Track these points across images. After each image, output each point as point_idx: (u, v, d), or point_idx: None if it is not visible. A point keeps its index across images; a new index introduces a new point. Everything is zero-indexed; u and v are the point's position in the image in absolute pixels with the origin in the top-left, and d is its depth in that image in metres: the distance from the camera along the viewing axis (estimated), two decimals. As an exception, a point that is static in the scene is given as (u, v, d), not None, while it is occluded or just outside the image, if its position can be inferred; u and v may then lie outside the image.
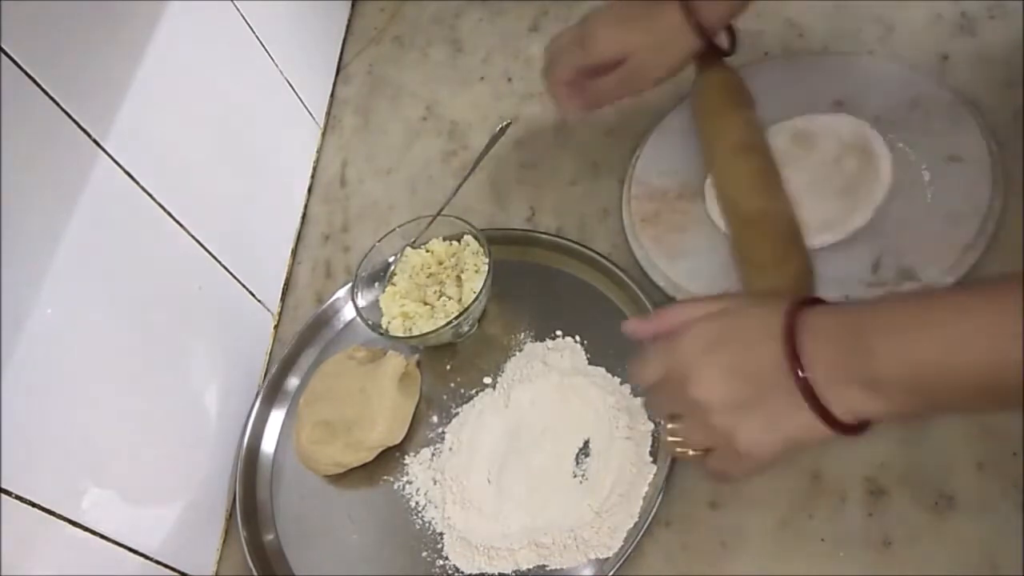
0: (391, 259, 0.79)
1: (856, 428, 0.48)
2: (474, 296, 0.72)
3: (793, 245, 0.66)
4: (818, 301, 0.50)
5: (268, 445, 0.78)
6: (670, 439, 0.55)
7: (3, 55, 0.53)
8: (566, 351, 0.72)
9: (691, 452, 0.54)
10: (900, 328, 0.46)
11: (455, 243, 0.78)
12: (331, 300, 0.83)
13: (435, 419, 0.73)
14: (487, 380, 0.73)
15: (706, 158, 0.74)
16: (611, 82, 0.72)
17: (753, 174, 0.69)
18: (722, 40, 0.73)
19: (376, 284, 0.79)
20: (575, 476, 0.66)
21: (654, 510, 0.62)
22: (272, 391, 0.80)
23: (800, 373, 0.47)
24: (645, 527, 0.61)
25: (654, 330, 0.56)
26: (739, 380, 0.50)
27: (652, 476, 0.64)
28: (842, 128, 0.72)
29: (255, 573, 0.69)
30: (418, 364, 0.75)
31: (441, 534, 0.67)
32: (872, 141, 0.70)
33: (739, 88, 0.74)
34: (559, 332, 0.73)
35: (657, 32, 0.69)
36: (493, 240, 0.76)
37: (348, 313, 0.82)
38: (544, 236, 0.79)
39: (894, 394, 0.46)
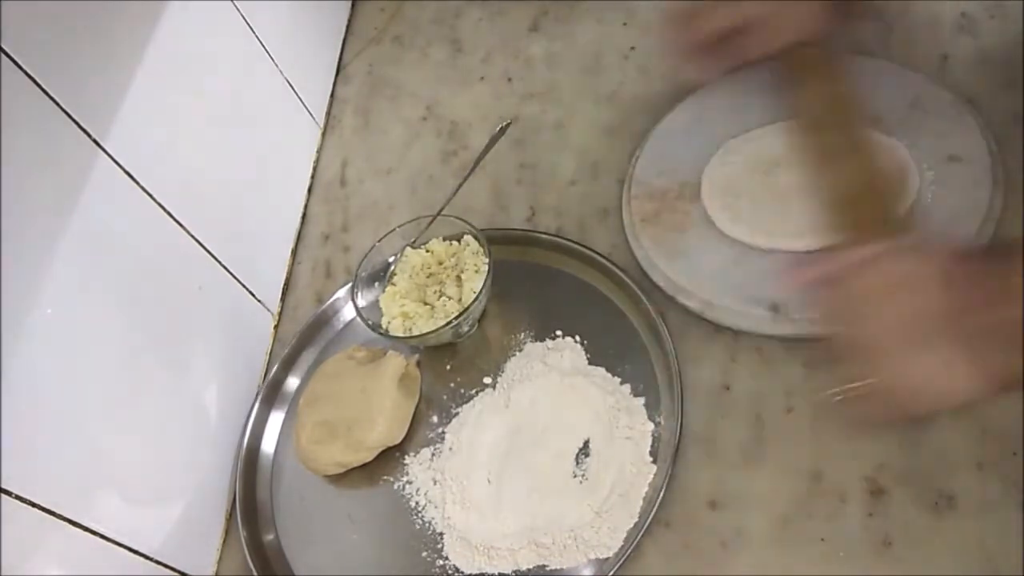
0: (391, 259, 0.79)
1: (1010, 386, 0.49)
2: (474, 296, 0.72)
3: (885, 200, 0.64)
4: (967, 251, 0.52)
5: (268, 445, 0.78)
6: (835, 389, 0.55)
7: (3, 55, 0.53)
8: (566, 351, 0.72)
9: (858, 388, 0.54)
10: None
11: (455, 243, 0.78)
12: (331, 300, 0.83)
13: (435, 419, 0.73)
14: (487, 380, 0.73)
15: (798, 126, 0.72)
16: (750, 42, 0.70)
17: (839, 142, 0.67)
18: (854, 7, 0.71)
19: (376, 284, 0.79)
20: (575, 476, 0.66)
21: (654, 510, 0.62)
22: (272, 391, 0.80)
23: (963, 324, 0.47)
24: (645, 527, 0.61)
25: (814, 276, 0.56)
26: (901, 328, 0.50)
27: (652, 476, 0.64)
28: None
29: (255, 573, 0.69)
30: (418, 364, 0.75)
31: (441, 534, 0.67)
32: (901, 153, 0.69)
33: (826, 60, 0.73)
34: (559, 332, 0.73)
35: None
36: (493, 240, 0.76)
37: (348, 313, 0.82)
38: (544, 236, 0.79)
39: None
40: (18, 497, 0.52)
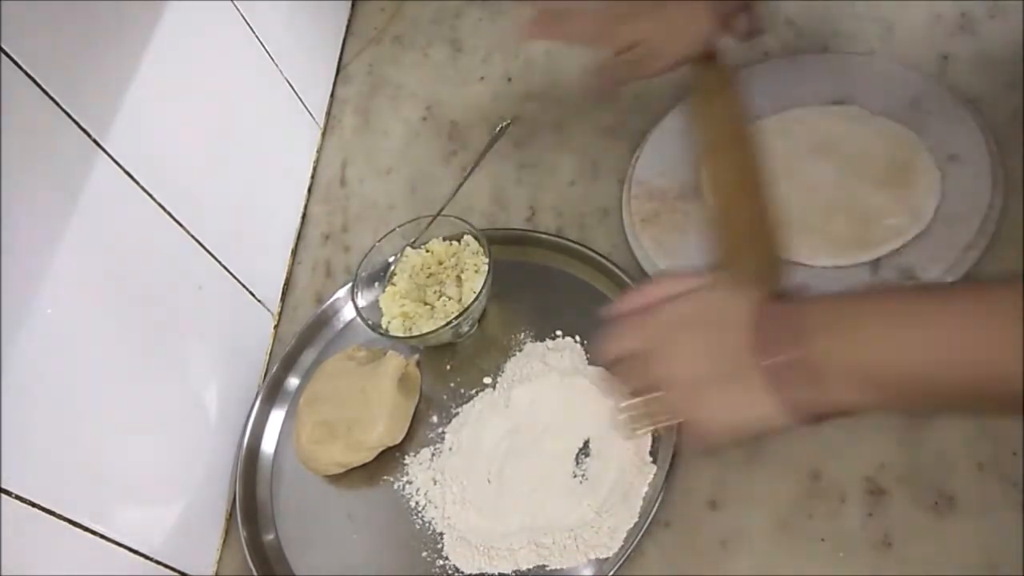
0: (391, 259, 0.79)
1: (813, 418, 0.49)
2: (474, 296, 0.72)
3: (764, 241, 0.66)
4: (788, 295, 0.52)
5: (268, 445, 0.78)
6: (625, 415, 0.57)
7: (3, 55, 0.53)
8: (566, 351, 0.72)
9: (639, 432, 0.57)
10: (846, 324, 0.47)
11: (455, 243, 0.78)
12: (331, 300, 0.83)
13: (435, 419, 0.73)
14: (487, 380, 0.73)
15: (693, 156, 0.75)
16: (623, 63, 0.72)
17: (727, 173, 0.70)
18: (741, 23, 0.72)
19: (376, 284, 0.79)
20: (575, 476, 0.66)
21: (654, 510, 0.62)
22: (272, 391, 0.80)
23: (764, 362, 0.48)
24: (645, 527, 0.61)
25: (629, 307, 0.57)
26: (706, 360, 0.51)
27: (652, 476, 0.64)
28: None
29: (255, 573, 0.68)
30: (418, 364, 0.75)
31: (441, 534, 0.67)
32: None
33: (725, 83, 0.74)
34: (559, 332, 0.73)
35: (671, 15, 0.69)
36: (493, 240, 0.76)
37: (348, 313, 0.82)
38: (544, 236, 0.79)
39: (840, 388, 0.47)
40: (18, 497, 0.52)
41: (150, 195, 0.67)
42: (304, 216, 0.93)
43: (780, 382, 0.48)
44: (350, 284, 0.79)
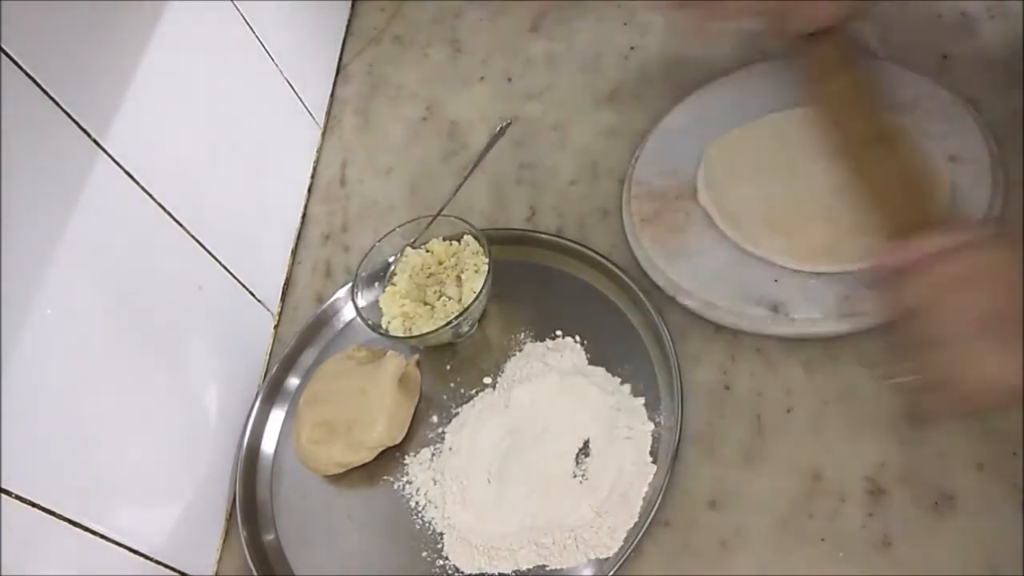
0: (391, 259, 0.79)
1: None
2: (474, 296, 0.72)
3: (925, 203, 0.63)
4: None
5: (268, 445, 0.78)
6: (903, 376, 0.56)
7: (3, 55, 0.53)
8: (566, 351, 0.72)
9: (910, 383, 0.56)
10: None
11: (455, 243, 0.78)
12: (331, 300, 0.83)
13: (435, 419, 0.73)
14: (487, 380, 0.73)
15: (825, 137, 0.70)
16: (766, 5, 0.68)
17: (871, 151, 0.65)
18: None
19: (376, 284, 0.79)
20: (575, 476, 0.66)
21: (654, 510, 0.62)
22: (272, 391, 0.80)
23: None
24: (645, 527, 0.61)
25: (895, 262, 0.56)
26: (978, 320, 0.51)
27: (652, 476, 0.64)
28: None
29: (255, 573, 0.69)
30: (418, 364, 0.75)
31: (441, 534, 0.67)
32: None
33: (850, 58, 0.70)
34: (559, 332, 0.73)
35: None
36: (493, 240, 0.76)
37: (348, 313, 0.82)
38: (544, 236, 0.79)
39: None
40: (18, 497, 0.52)
41: (150, 195, 0.67)
42: (304, 216, 0.93)
43: None
44: (350, 284, 0.79)
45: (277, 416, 0.79)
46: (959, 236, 0.55)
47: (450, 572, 0.65)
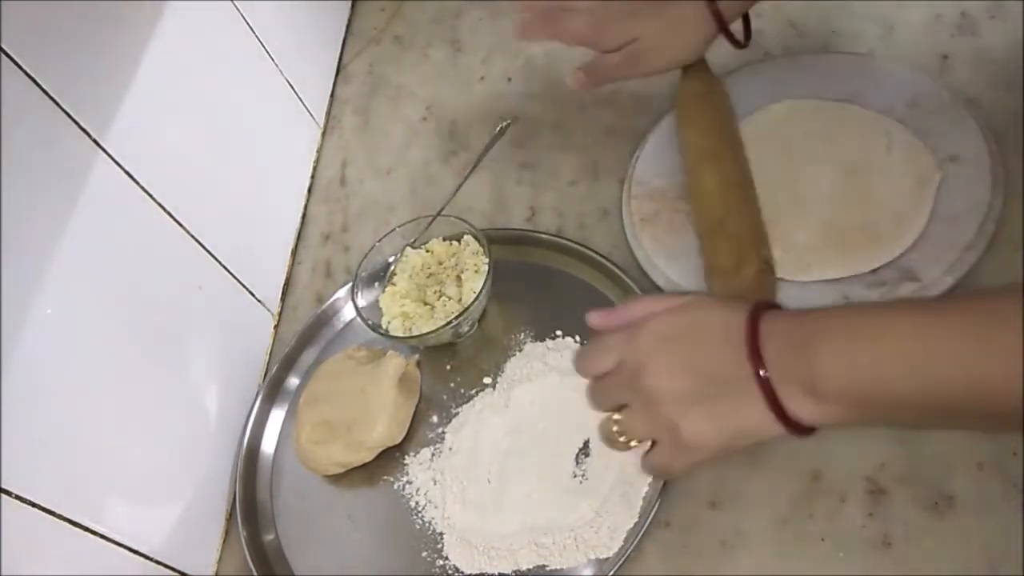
0: (391, 259, 0.79)
1: (807, 429, 0.49)
2: (474, 296, 0.72)
3: (752, 251, 0.65)
4: (776, 307, 0.52)
5: (268, 445, 0.78)
6: (613, 429, 0.56)
7: (3, 55, 0.53)
8: (566, 351, 0.72)
9: (632, 444, 0.56)
10: (842, 338, 0.47)
11: (455, 243, 0.78)
12: (331, 300, 0.83)
13: (435, 419, 0.73)
14: (487, 380, 0.73)
15: (680, 165, 0.74)
16: (616, 60, 0.71)
17: (715, 183, 0.69)
18: (736, 29, 0.71)
19: (376, 284, 0.79)
20: (575, 476, 0.66)
21: (654, 510, 0.62)
22: (272, 391, 0.80)
23: (761, 373, 0.48)
24: (645, 527, 0.61)
25: (616, 321, 0.57)
26: (693, 374, 0.51)
27: (652, 476, 0.64)
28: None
29: (255, 573, 0.69)
30: (418, 364, 0.75)
31: (441, 534, 0.67)
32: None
33: (714, 92, 0.74)
34: (559, 332, 0.73)
35: (671, 17, 0.69)
36: (493, 240, 0.76)
37: (348, 313, 0.82)
38: (544, 236, 0.79)
39: (835, 403, 0.47)
40: (18, 497, 0.52)
41: (150, 195, 0.67)
42: (304, 216, 0.93)
43: (775, 393, 0.48)
44: (350, 284, 0.79)
45: (277, 416, 0.79)
46: (672, 296, 0.57)
47: (450, 572, 0.65)
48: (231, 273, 0.77)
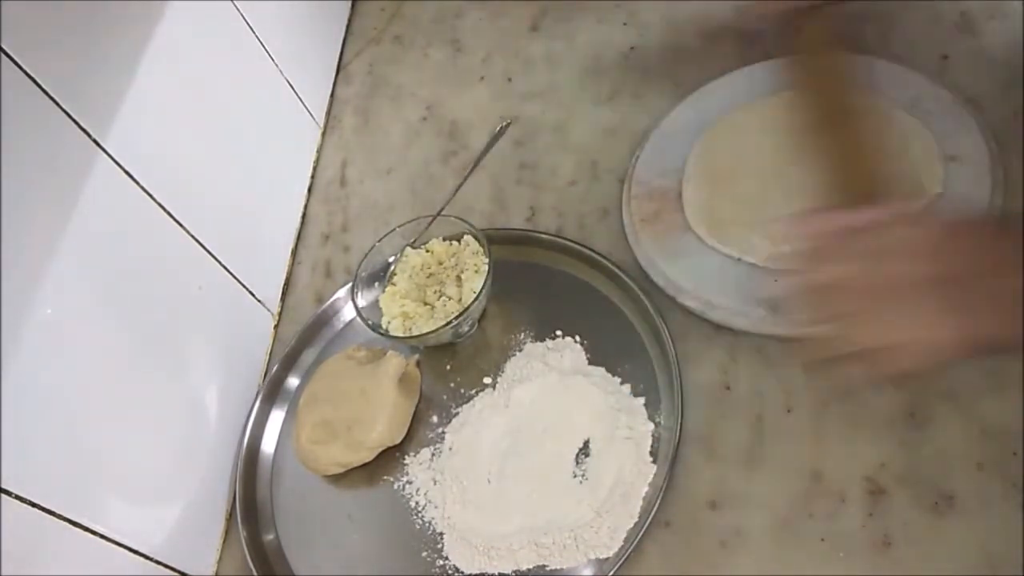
0: (391, 259, 0.79)
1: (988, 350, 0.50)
2: (474, 296, 0.72)
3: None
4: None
5: (268, 445, 0.78)
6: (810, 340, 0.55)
7: (3, 55, 0.53)
8: (566, 351, 0.72)
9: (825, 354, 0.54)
10: None
11: (455, 243, 0.78)
12: (331, 300, 0.83)
13: (435, 419, 0.73)
14: (487, 380, 0.73)
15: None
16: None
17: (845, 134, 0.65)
18: None
19: (376, 284, 0.79)
20: (575, 476, 0.66)
21: (654, 510, 0.62)
22: (272, 391, 0.80)
23: (979, 283, 0.48)
24: (645, 527, 0.61)
25: (815, 229, 0.55)
26: (903, 289, 0.51)
27: (652, 476, 0.64)
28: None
29: (255, 573, 0.69)
30: (418, 364, 0.75)
31: (441, 534, 0.67)
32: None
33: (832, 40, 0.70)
34: (559, 332, 0.73)
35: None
36: (493, 240, 0.76)
37: (348, 313, 0.82)
38: (544, 236, 0.79)
39: None
40: (18, 497, 0.52)
41: (150, 195, 0.67)
42: (304, 216, 0.93)
43: (965, 312, 0.48)
44: (350, 284, 0.79)
45: (277, 416, 0.79)
46: (885, 210, 0.55)
47: (450, 572, 0.65)
48: (231, 273, 0.77)
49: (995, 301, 0.48)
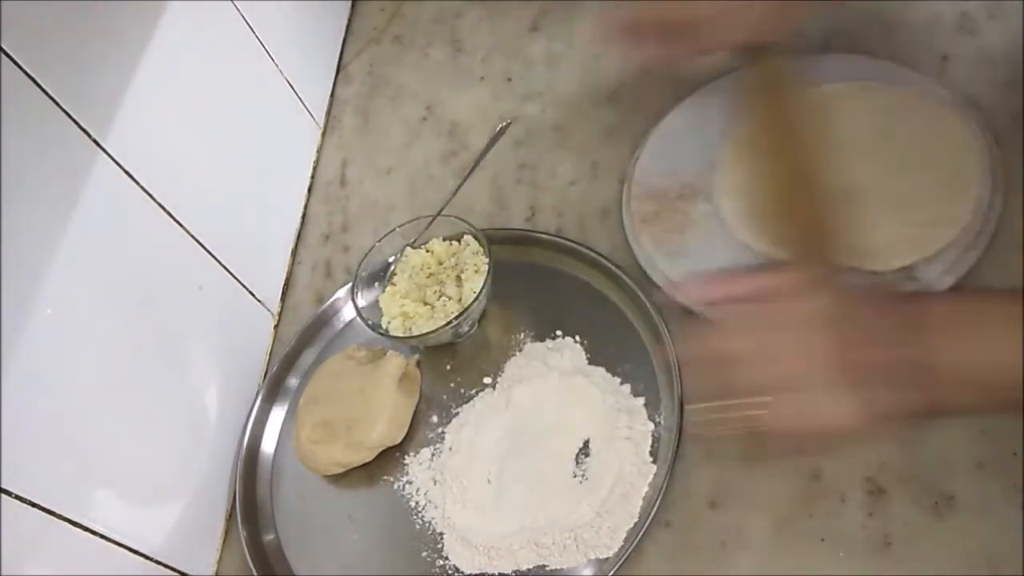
0: (391, 259, 0.79)
1: (893, 420, 0.49)
2: (474, 296, 0.72)
3: (827, 239, 0.62)
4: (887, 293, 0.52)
5: (268, 445, 0.78)
6: (707, 415, 0.55)
7: (3, 55, 0.53)
8: (566, 351, 0.72)
9: (725, 431, 0.54)
10: (965, 322, 0.48)
11: (455, 243, 0.78)
12: (331, 300, 0.83)
13: (435, 419, 0.73)
14: (487, 380, 0.73)
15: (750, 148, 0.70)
16: (684, 38, 0.68)
17: (791, 164, 0.65)
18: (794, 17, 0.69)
19: (376, 284, 0.79)
20: (575, 476, 0.66)
21: (654, 510, 0.62)
22: (272, 391, 0.80)
23: (874, 357, 0.48)
24: (645, 527, 0.61)
25: (716, 296, 0.56)
26: (804, 363, 0.50)
27: (652, 476, 0.64)
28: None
29: (255, 573, 0.69)
30: (418, 364, 0.75)
31: (441, 534, 0.67)
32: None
33: (783, 74, 0.70)
34: (559, 332, 0.73)
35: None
36: (493, 240, 0.76)
37: (348, 313, 0.82)
38: (544, 236, 0.79)
39: (954, 389, 0.47)
40: (18, 497, 0.52)
41: (150, 195, 0.67)
42: (304, 216, 0.93)
43: (880, 380, 0.48)
44: (350, 284, 0.79)
45: (277, 416, 0.79)
46: (793, 277, 0.54)
47: (450, 572, 0.65)
48: (231, 273, 0.77)
49: (896, 374, 0.47)
